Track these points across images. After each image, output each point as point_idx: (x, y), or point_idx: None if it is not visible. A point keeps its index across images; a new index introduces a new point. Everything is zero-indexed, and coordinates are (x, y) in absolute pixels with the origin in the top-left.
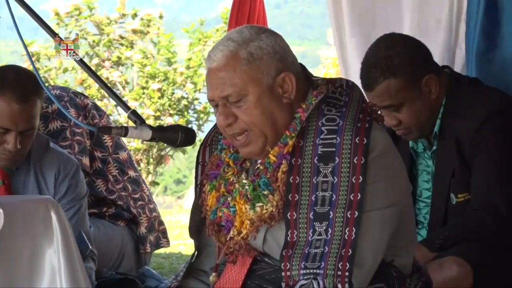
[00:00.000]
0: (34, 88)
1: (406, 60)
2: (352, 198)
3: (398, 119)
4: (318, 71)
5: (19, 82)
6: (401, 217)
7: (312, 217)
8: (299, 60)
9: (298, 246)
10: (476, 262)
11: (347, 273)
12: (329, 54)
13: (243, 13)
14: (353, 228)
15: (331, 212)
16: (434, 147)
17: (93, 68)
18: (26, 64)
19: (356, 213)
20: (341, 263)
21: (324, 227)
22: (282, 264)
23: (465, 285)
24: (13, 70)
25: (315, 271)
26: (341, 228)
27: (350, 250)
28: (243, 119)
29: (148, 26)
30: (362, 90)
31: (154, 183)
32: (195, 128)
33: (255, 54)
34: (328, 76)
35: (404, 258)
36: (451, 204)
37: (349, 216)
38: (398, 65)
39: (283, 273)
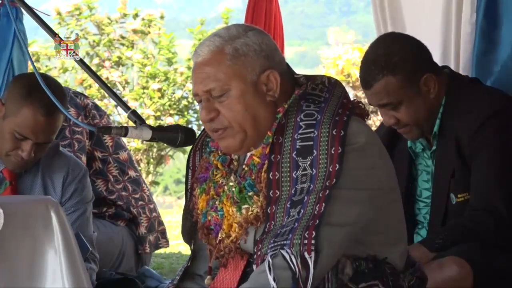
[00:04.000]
0: (61, 102)
1: (405, 58)
2: (327, 184)
3: (396, 118)
4: (318, 71)
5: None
6: (384, 210)
7: (289, 206)
8: (299, 60)
9: (273, 231)
10: (476, 262)
11: (313, 241)
12: (329, 54)
13: (259, 14)
14: (323, 204)
15: (305, 197)
16: (434, 147)
17: (93, 68)
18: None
19: (327, 191)
20: (307, 232)
21: (297, 210)
22: (255, 248)
23: (465, 285)
24: (45, 80)
25: (282, 242)
26: (312, 206)
27: (317, 220)
28: (225, 114)
29: (149, 26)
30: (362, 89)
31: (154, 183)
32: (195, 128)
33: (241, 50)
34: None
35: (393, 254)
36: (451, 204)
37: (321, 195)
38: (396, 63)
39: (254, 256)
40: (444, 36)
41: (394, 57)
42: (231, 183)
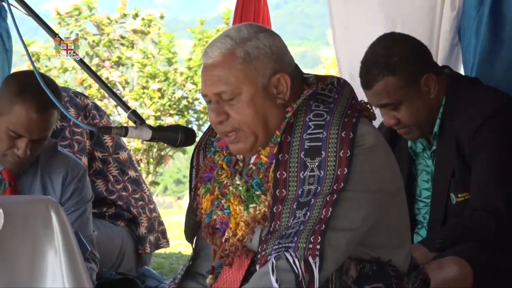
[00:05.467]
0: (56, 99)
1: (405, 58)
2: (335, 188)
3: (396, 118)
4: (318, 71)
5: (41, 91)
6: (389, 212)
7: (295, 207)
8: (299, 60)
9: (278, 231)
10: (476, 262)
11: (318, 246)
12: (329, 54)
13: (247, 13)
14: (330, 208)
15: (312, 199)
16: (434, 147)
17: (93, 68)
18: (26, 64)
19: (335, 196)
20: (313, 236)
21: (304, 212)
22: (260, 247)
23: (465, 285)
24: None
25: (287, 244)
26: (319, 210)
27: (323, 225)
28: (235, 117)
29: (149, 26)
30: (362, 89)
31: (154, 183)
32: (195, 128)
33: (252, 54)
34: None
35: (397, 256)
36: (451, 204)
37: (328, 199)
38: (396, 63)
39: (258, 256)
40: (429, 33)
41: (394, 57)
42: (237, 183)
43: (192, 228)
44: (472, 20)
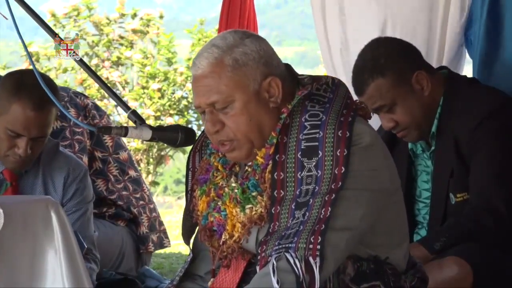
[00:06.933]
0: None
1: (392, 59)
2: (333, 187)
3: (394, 120)
4: (318, 71)
5: (37, 89)
6: (387, 211)
7: (293, 207)
8: (299, 60)
9: (277, 232)
10: (476, 262)
11: (318, 246)
12: None
13: (233, 13)
14: (329, 208)
15: (310, 200)
16: (432, 147)
17: (93, 68)
18: (26, 64)
19: (334, 195)
20: (313, 236)
21: (303, 212)
22: (259, 249)
23: (465, 285)
24: (33, 75)
25: (287, 245)
26: (318, 210)
27: (323, 225)
28: (230, 126)
29: (148, 26)
30: (356, 96)
31: (154, 183)
32: (195, 128)
33: (240, 60)
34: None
35: (396, 255)
36: (450, 203)
37: (326, 199)
38: (384, 64)
39: (258, 257)
40: (427, 35)
41: (381, 59)
42: (233, 185)
43: (189, 230)
44: (478, 21)
